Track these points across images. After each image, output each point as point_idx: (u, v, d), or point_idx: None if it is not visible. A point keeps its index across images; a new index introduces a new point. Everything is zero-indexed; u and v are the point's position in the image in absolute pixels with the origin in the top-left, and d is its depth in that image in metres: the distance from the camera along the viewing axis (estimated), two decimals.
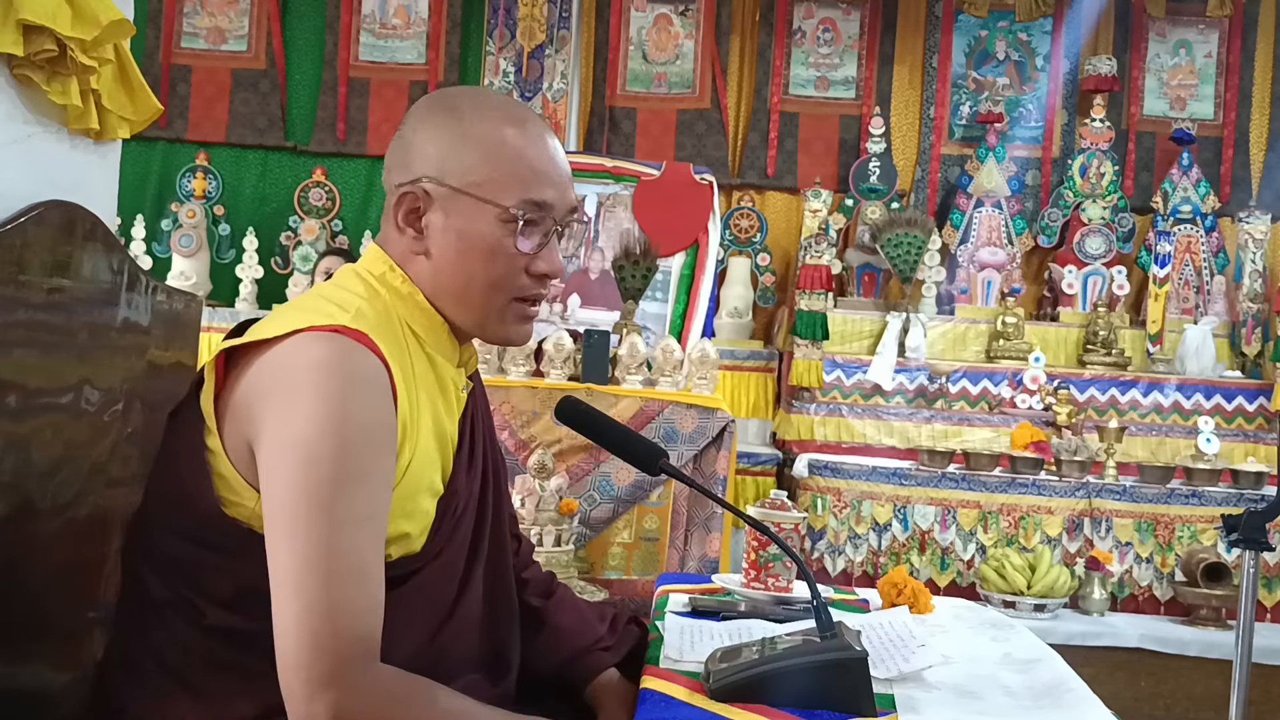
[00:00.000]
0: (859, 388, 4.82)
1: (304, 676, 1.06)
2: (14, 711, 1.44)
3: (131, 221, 5.21)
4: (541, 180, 1.26)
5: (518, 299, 1.28)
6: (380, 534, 1.14)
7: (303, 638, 1.07)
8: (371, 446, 1.13)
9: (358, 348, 1.14)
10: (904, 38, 5.72)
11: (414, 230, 1.26)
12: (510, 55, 5.44)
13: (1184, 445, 4.57)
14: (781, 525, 1.71)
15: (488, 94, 1.40)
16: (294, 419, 1.11)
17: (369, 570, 1.11)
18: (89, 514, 1.59)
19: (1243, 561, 2.02)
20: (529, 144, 1.26)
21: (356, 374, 1.13)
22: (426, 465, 1.23)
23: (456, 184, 1.24)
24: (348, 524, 1.09)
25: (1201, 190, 5.36)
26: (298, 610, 1.07)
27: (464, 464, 1.30)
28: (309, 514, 1.09)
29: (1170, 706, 3.73)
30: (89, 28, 1.52)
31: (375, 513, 1.13)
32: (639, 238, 3.83)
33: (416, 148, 1.26)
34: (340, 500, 1.09)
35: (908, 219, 5.08)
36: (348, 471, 1.10)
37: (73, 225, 1.54)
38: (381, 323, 1.22)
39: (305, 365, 1.13)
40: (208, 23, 5.72)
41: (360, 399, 1.12)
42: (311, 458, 1.10)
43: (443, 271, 1.26)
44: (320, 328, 1.15)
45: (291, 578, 1.08)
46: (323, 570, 1.08)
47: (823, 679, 1.16)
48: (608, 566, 3.27)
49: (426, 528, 1.23)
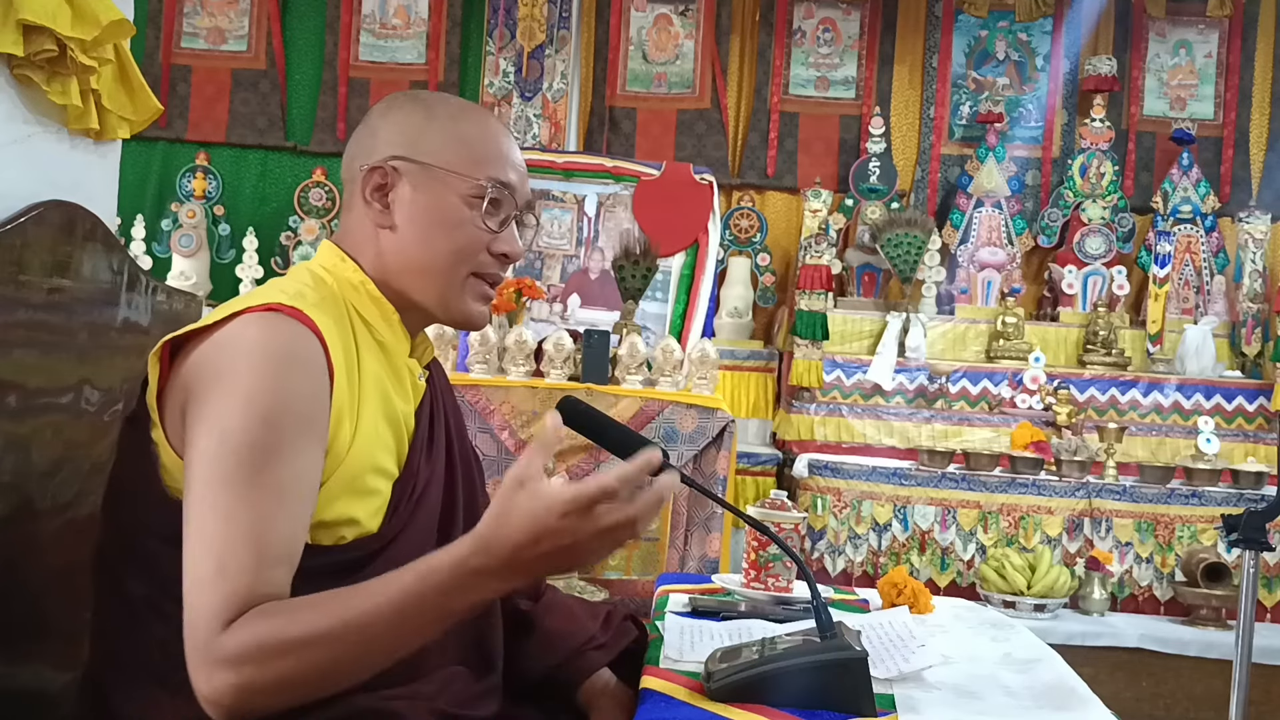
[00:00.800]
0: (859, 388, 4.82)
1: (196, 655, 1.04)
2: (14, 711, 1.44)
3: (131, 221, 5.21)
4: (506, 164, 1.30)
5: (476, 274, 1.30)
6: (294, 509, 1.11)
7: (194, 612, 1.05)
8: (293, 419, 1.12)
9: (290, 322, 1.15)
10: (904, 38, 5.72)
11: (380, 204, 1.29)
12: (510, 55, 5.44)
13: (1184, 445, 4.57)
14: (781, 525, 1.71)
15: (447, 94, 1.46)
16: (219, 395, 1.11)
17: (270, 543, 1.08)
18: (89, 514, 1.59)
19: (1243, 561, 2.02)
20: (492, 131, 1.32)
21: (285, 348, 1.14)
22: (374, 446, 1.23)
23: (428, 160, 1.28)
24: (255, 496, 1.08)
25: (1201, 190, 5.36)
26: (190, 583, 1.06)
27: (422, 448, 1.30)
28: (216, 484, 1.08)
29: (1170, 706, 3.73)
30: (89, 28, 1.52)
31: (287, 487, 1.10)
32: (639, 238, 3.84)
33: (383, 132, 1.30)
34: (248, 472, 1.08)
35: (908, 219, 5.08)
36: (261, 442, 1.09)
37: (73, 225, 1.54)
38: (324, 304, 1.23)
39: (236, 343, 1.14)
40: (208, 23, 5.72)
41: (286, 373, 1.13)
42: (226, 428, 1.09)
43: (407, 244, 1.28)
44: (256, 308, 1.16)
45: (191, 547, 1.07)
46: (220, 541, 1.06)
47: (823, 679, 1.16)
48: (608, 566, 3.27)
49: (380, 509, 1.23)
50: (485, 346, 3.49)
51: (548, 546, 1.01)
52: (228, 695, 1.04)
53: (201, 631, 1.04)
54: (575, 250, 4.50)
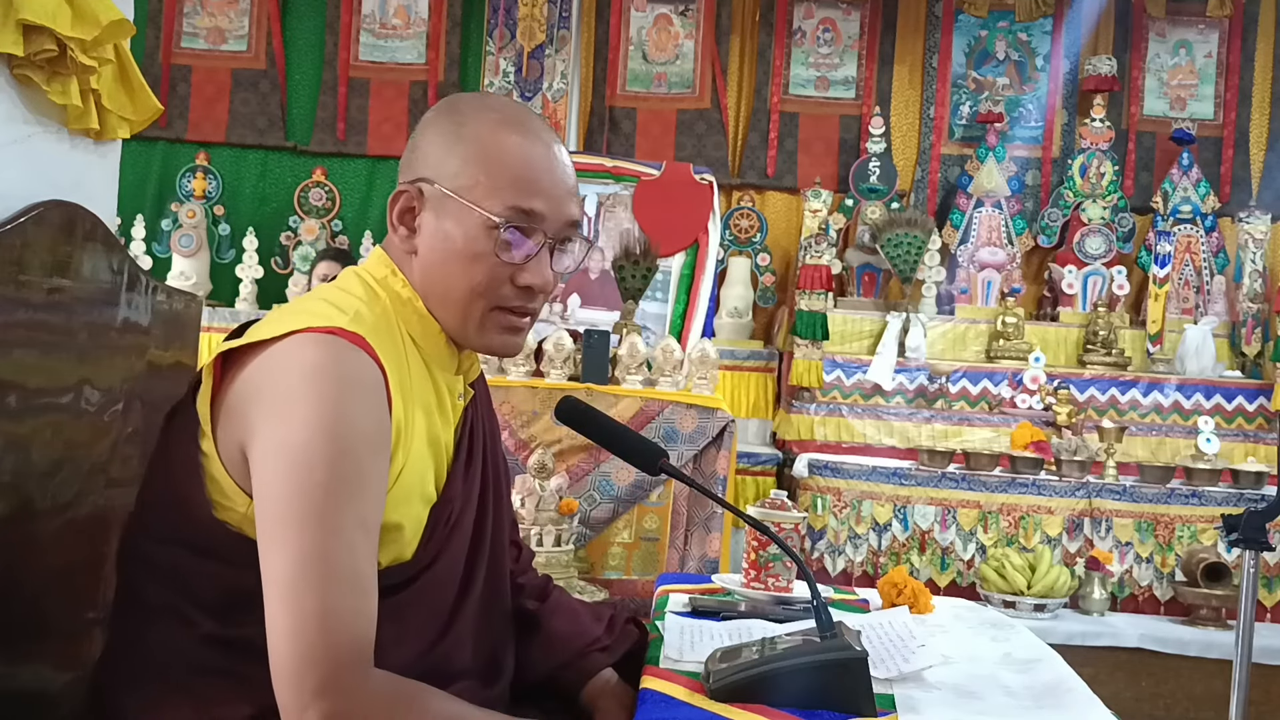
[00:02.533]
0: (859, 388, 4.82)
1: (297, 686, 1.05)
2: (14, 711, 1.44)
3: (131, 221, 5.21)
4: (533, 189, 1.23)
5: (500, 308, 1.25)
6: (374, 540, 1.12)
7: (295, 647, 1.05)
8: (366, 451, 1.11)
9: (353, 350, 1.13)
10: (904, 38, 5.72)
11: (406, 229, 1.26)
12: (510, 55, 5.44)
13: (1184, 445, 4.57)
14: (781, 525, 1.71)
15: (495, 99, 1.36)
16: (287, 422, 1.09)
17: (362, 576, 1.09)
18: (89, 514, 1.59)
19: (1243, 561, 2.02)
20: (524, 150, 1.24)
21: (351, 377, 1.12)
22: (420, 472, 1.22)
23: (448, 186, 1.23)
24: (342, 530, 1.08)
25: (1201, 190, 5.36)
26: (290, 618, 1.06)
27: (460, 473, 1.29)
28: (302, 519, 1.07)
29: (1170, 706, 3.73)
30: (89, 28, 1.52)
31: (368, 518, 1.11)
32: (639, 238, 3.83)
33: (420, 149, 1.27)
34: (333, 505, 1.08)
35: (908, 219, 5.08)
36: (342, 476, 1.08)
37: (73, 225, 1.54)
38: (380, 326, 1.21)
39: (300, 367, 1.11)
40: (208, 23, 5.72)
41: (355, 403, 1.11)
42: (304, 462, 1.08)
43: (428, 272, 1.25)
44: (316, 329, 1.13)
45: (284, 584, 1.07)
46: (315, 576, 1.06)
47: (823, 679, 1.16)
48: (608, 566, 3.27)
49: (417, 534, 1.22)
50: None
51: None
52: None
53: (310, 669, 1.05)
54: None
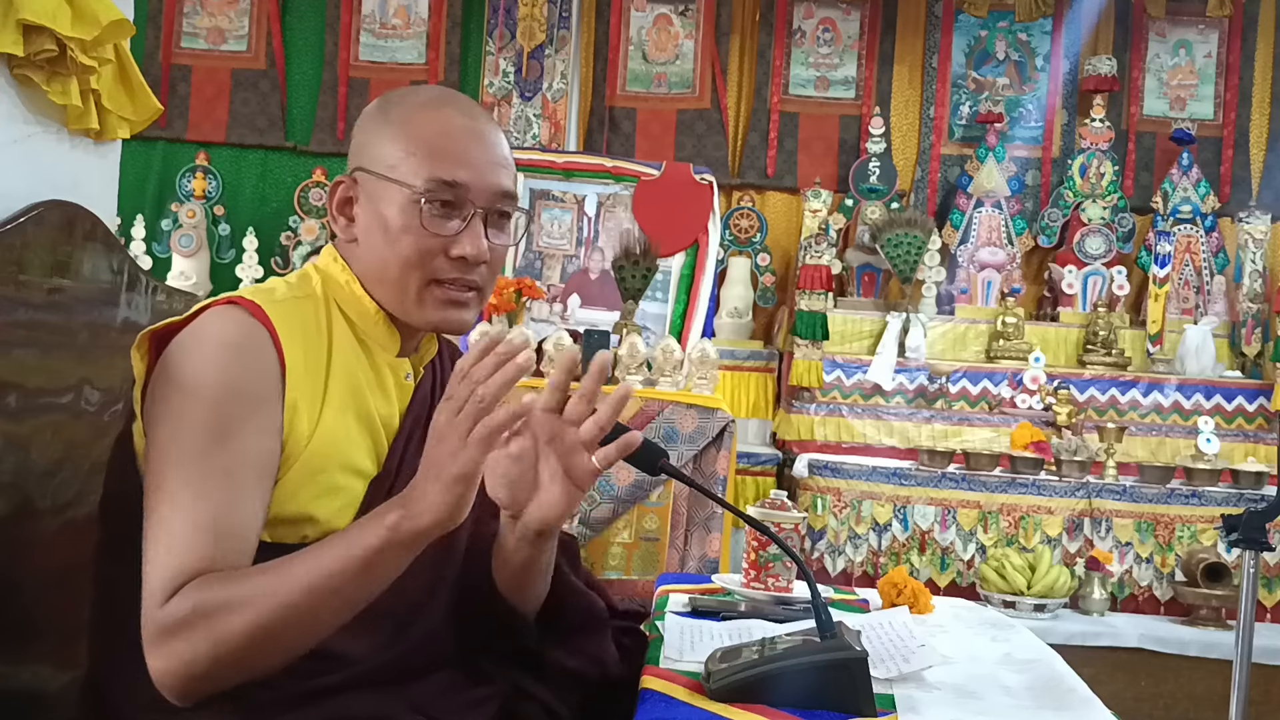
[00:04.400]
0: (859, 388, 4.82)
1: (145, 634, 1.08)
2: (13, 712, 1.44)
3: (131, 221, 5.21)
4: (454, 160, 1.25)
5: (436, 281, 1.27)
6: (243, 492, 1.13)
7: (146, 594, 1.09)
8: (239, 404, 1.14)
9: (244, 316, 1.18)
10: (904, 38, 5.72)
11: (345, 219, 1.30)
12: (510, 55, 5.44)
13: (1184, 445, 4.56)
14: (781, 525, 1.71)
15: (427, 87, 1.44)
16: (173, 385, 1.15)
17: (219, 523, 1.11)
18: (89, 514, 1.58)
19: (1243, 561, 2.02)
20: (445, 123, 1.27)
21: (233, 340, 1.16)
22: (340, 443, 1.23)
23: (374, 169, 1.27)
24: (202, 478, 1.11)
25: (1201, 190, 5.36)
26: (145, 566, 1.10)
27: (400, 448, 1.29)
28: (166, 469, 1.12)
29: (1170, 706, 3.73)
30: (89, 28, 1.52)
31: (233, 469, 1.13)
32: (639, 238, 3.84)
33: (355, 141, 1.31)
34: (194, 456, 1.11)
35: (908, 219, 5.08)
36: (206, 428, 1.12)
37: (73, 225, 1.54)
38: (293, 302, 1.24)
39: (193, 335, 1.17)
40: (208, 23, 5.72)
41: (233, 359, 1.15)
42: (175, 416, 1.13)
43: (366, 256, 1.28)
44: (218, 302, 1.20)
45: (147, 532, 1.11)
46: (171, 523, 1.10)
47: (823, 679, 1.16)
48: (608, 566, 3.27)
49: (348, 506, 1.22)
50: None
51: (431, 460, 1.09)
52: (172, 667, 1.07)
53: (148, 611, 1.08)
54: (575, 250, 4.50)
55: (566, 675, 1.37)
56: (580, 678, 1.38)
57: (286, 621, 1.08)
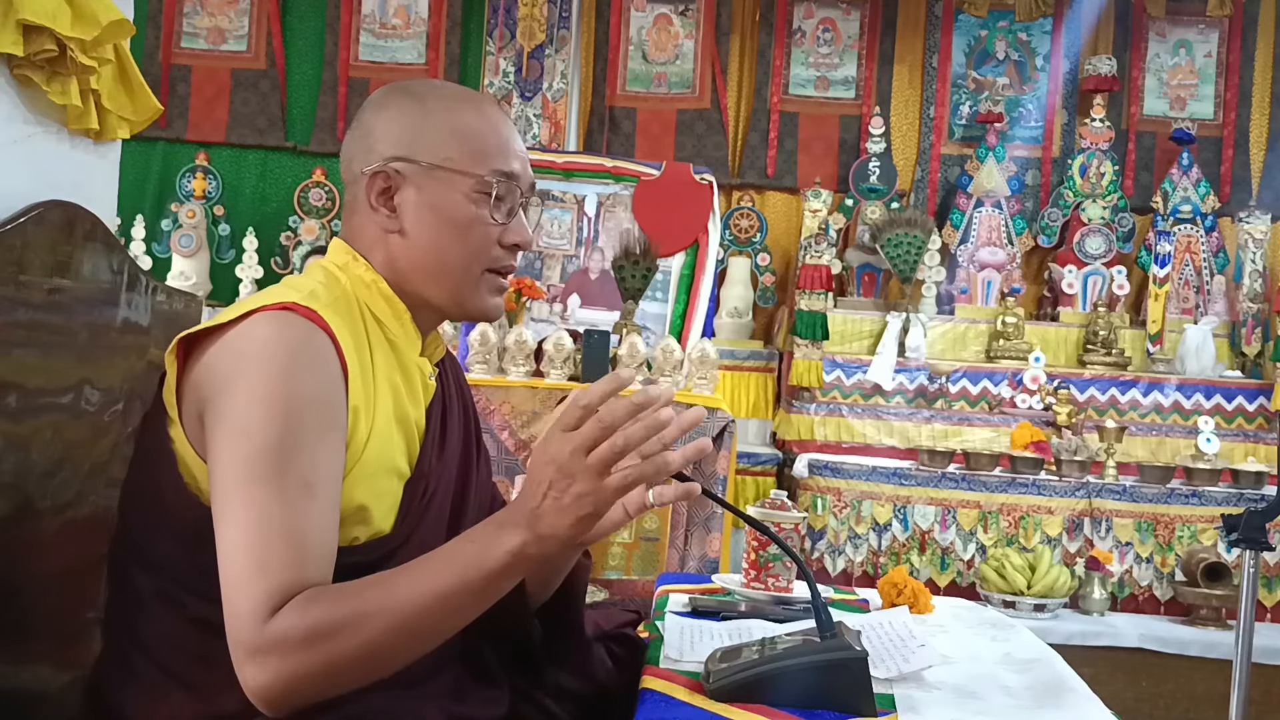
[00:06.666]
0: (859, 388, 4.82)
1: (242, 648, 1.06)
2: (14, 711, 1.44)
3: (131, 221, 5.21)
4: (507, 153, 1.28)
5: (491, 270, 1.29)
6: (324, 504, 1.12)
7: (237, 610, 1.06)
8: (310, 416, 1.12)
9: (304, 322, 1.15)
10: (904, 38, 5.72)
11: (387, 210, 1.27)
12: (510, 55, 5.45)
13: (1184, 445, 4.57)
14: (781, 525, 1.72)
15: (440, 81, 1.46)
16: (234, 393, 1.12)
17: (305, 535, 1.09)
18: (89, 514, 1.59)
19: (1243, 561, 2.02)
20: (489, 120, 1.29)
21: (300, 347, 1.14)
22: (387, 447, 1.23)
23: (429, 160, 1.25)
24: (284, 492, 1.09)
25: (1201, 190, 5.36)
26: (230, 581, 1.07)
27: (433, 449, 1.29)
28: (245, 484, 1.09)
29: (1170, 706, 3.73)
30: (89, 28, 1.52)
31: (314, 481, 1.11)
32: (639, 238, 3.84)
33: (379, 132, 1.28)
34: (275, 470, 1.09)
35: (908, 219, 5.08)
36: (284, 441, 1.10)
37: (73, 225, 1.54)
38: (337, 305, 1.22)
39: (251, 341, 1.14)
40: (208, 23, 5.72)
41: (299, 370, 1.13)
42: (246, 429, 1.10)
43: (418, 247, 1.27)
44: (270, 307, 1.16)
45: (227, 548, 1.08)
46: (257, 538, 1.07)
47: (823, 679, 1.16)
48: (608, 566, 3.27)
49: (392, 508, 1.23)
50: (485, 347, 3.49)
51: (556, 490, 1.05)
52: (279, 683, 1.05)
53: (246, 627, 1.05)
54: (575, 250, 4.50)
55: (562, 693, 1.39)
56: (576, 695, 1.40)
57: (400, 640, 1.08)
